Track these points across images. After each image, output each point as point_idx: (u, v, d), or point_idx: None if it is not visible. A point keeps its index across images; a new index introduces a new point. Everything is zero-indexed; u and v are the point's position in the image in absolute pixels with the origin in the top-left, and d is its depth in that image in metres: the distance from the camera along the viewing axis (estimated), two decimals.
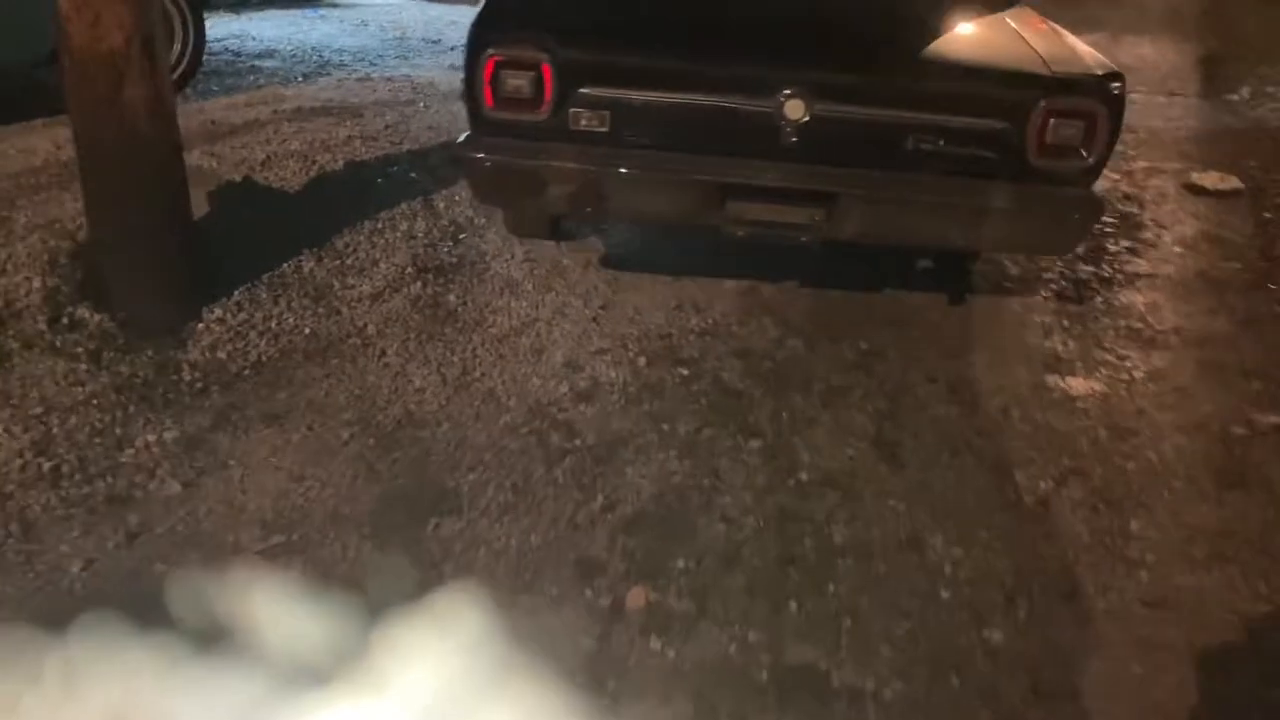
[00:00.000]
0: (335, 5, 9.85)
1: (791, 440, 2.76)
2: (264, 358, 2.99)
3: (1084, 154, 3.01)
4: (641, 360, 3.15)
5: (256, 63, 6.26)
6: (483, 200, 3.66)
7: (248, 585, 2.14)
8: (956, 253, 3.82)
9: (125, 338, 2.92)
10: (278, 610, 2.09)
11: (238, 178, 3.93)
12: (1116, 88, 3.00)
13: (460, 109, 5.55)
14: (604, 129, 3.06)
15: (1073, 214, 3.12)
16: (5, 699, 1.85)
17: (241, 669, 1.94)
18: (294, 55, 6.59)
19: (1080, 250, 4.16)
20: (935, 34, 3.35)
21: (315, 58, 6.58)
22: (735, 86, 3.04)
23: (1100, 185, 3.10)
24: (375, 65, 6.53)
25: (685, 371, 3.10)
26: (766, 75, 3.01)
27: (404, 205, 4.05)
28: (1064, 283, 3.92)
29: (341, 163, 4.33)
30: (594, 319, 3.39)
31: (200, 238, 3.23)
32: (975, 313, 3.63)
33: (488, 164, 3.14)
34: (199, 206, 3.42)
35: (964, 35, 3.41)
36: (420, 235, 3.84)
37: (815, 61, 3.08)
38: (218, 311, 3.14)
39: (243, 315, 3.15)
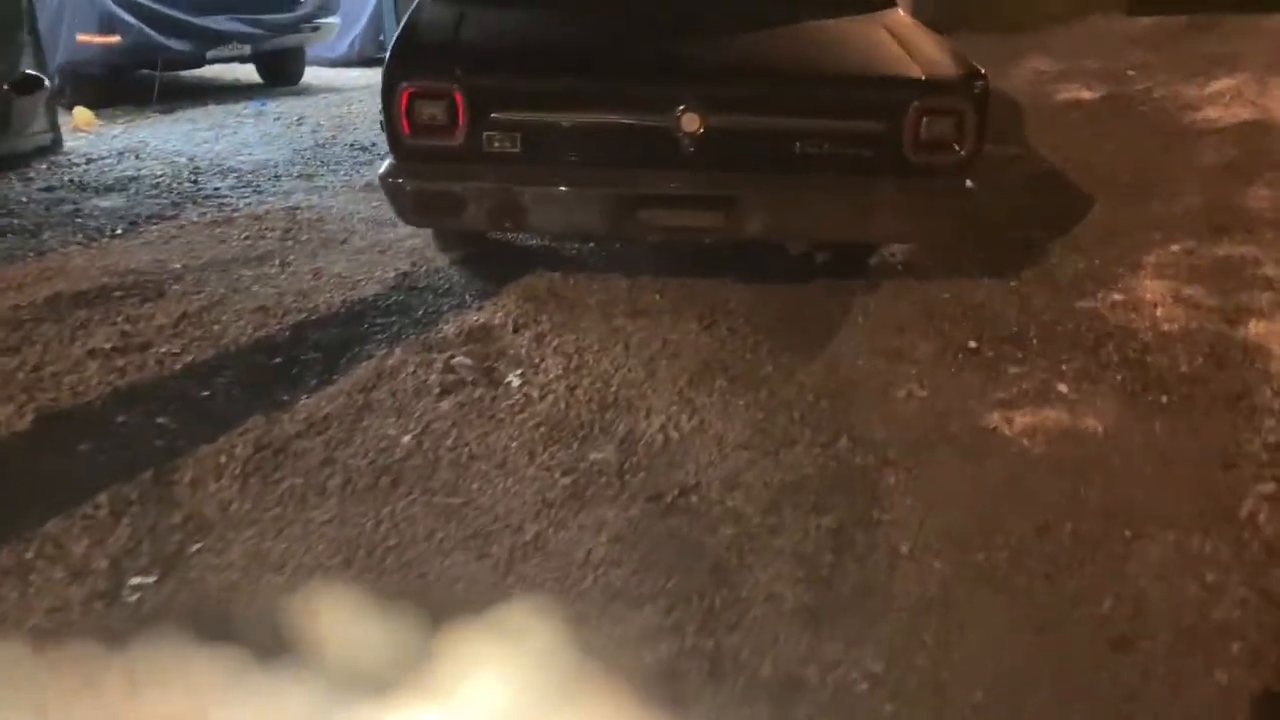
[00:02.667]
0: (303, 92, 8.54)
1: None
2: None
3: (956, 148, 3.36)
4: None
5: (94, 201, 4.84)
6: (408, 221, 3.78)
7: None
8: (851, 245, 4.08)
9: None
10: None
11: None
12: (979, 86, 3.37)
13: (331, 262, 4.07)
14: (516, 149, 3.34)
15: (949, 203, 3.49)
16: None
17: None
18: (159, 182, 5.18)
19: None
20: (816, 44, 3.72)
21: (186, 185, 5.15)
22: (634, 104, 3.36)
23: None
24: (260, 192, 5.06)
25: None
26: (662, 92, 3.34)
27: (103, 499, 2.49)
28: None
29: (31, 417, 2.78)
30: None
31: None
32: None
33: (409, 189, 3.45)
34: None
35: (842, 43, 3.74)
36: (77, 601, 2.22)
37: (707, 76, 3.42)
38: None
39: None
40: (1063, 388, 3.21)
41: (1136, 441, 2.89)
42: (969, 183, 3.43)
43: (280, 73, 9.11)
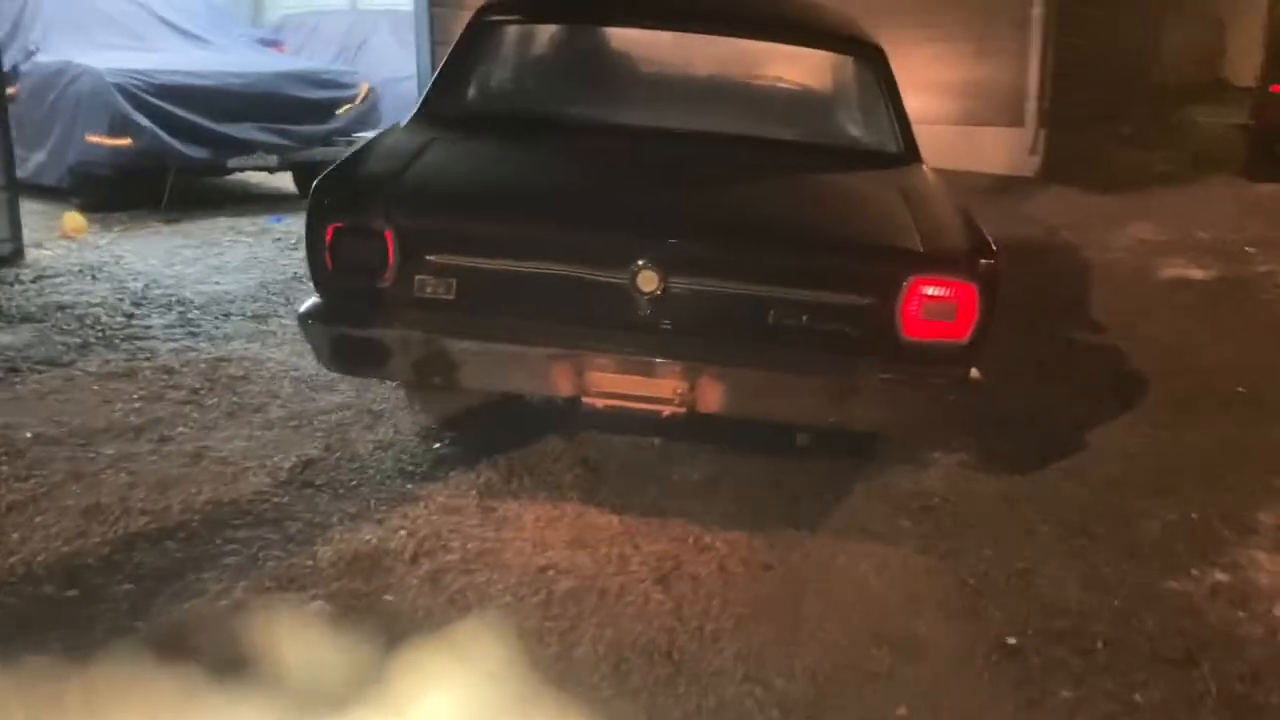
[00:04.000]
0: None
1: None
2: None
3: (957, 334, 2.96)
4: None
5: None
6: (329, 367, 3.36)
7: None
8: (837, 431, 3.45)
9: None
10: None
11: None
12: (987, 264, 2.97)
13: (225, 439, 3.37)
14: (450, 296, 3.01)
15: (946, 398, 3.06)
16: None
17: None
18: (87, 315, 4.56)
19: None
20: (805, 201, 3.40)
21: (117, 319, 4.53)
22: (586, 256, 3.01)
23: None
24: (195, 334, 4.41)
25: None
26: (618, 245, 2.99)
27: None
28: None
29: None
30: None
31: None
32: None
33: (330, 333, 3.12)
34: None
35: (839, 202, 3.44)
36: None
37: (669, 231, 3.05)
38: None
39: None
40: None
41: None
42: (974, 373, 3.02)
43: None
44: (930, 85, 10.81)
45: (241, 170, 7.88)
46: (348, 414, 3.71)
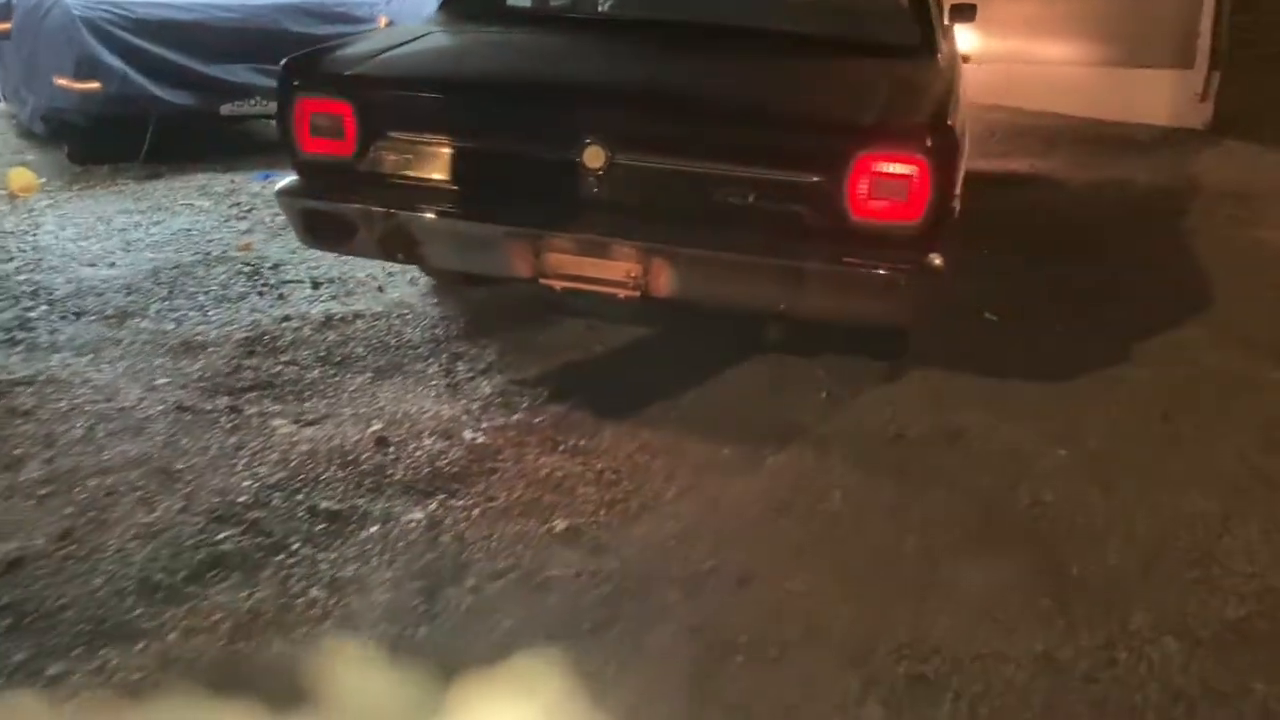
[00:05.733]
0: None
1: None
2: None
3: (910, 214, 2.84)
4: None
5: None
6: (305, 243, 3.54)
7: None
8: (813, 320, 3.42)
9: None
10: None
11: None
12: (939, 137, 2.84)
13: None
14: (409, 173, 3.17)
15: (899, 282, 2.87)
16: None
17: None
18: None
19: None
20: (776, 84, 3.33)
21: None
22: (536, 133, 3.09)
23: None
24: (22, 339, 3.48)
25: None
26: (566, 121, 3.05)
27: None
28: None
29: None
30: None
31: None
32: None
33: (300, 207, 3.27)
34: None
35: (810, 85, 3.33)
36: None
37: (615, 108, 3.09)
38: None
39: None
40: None
41: None
42: (934, 259, 2.84)
43: None
44: (1080, 19, 9.27)
45: (235, 118, 7.00)
46: (132, 475, 2.75)
